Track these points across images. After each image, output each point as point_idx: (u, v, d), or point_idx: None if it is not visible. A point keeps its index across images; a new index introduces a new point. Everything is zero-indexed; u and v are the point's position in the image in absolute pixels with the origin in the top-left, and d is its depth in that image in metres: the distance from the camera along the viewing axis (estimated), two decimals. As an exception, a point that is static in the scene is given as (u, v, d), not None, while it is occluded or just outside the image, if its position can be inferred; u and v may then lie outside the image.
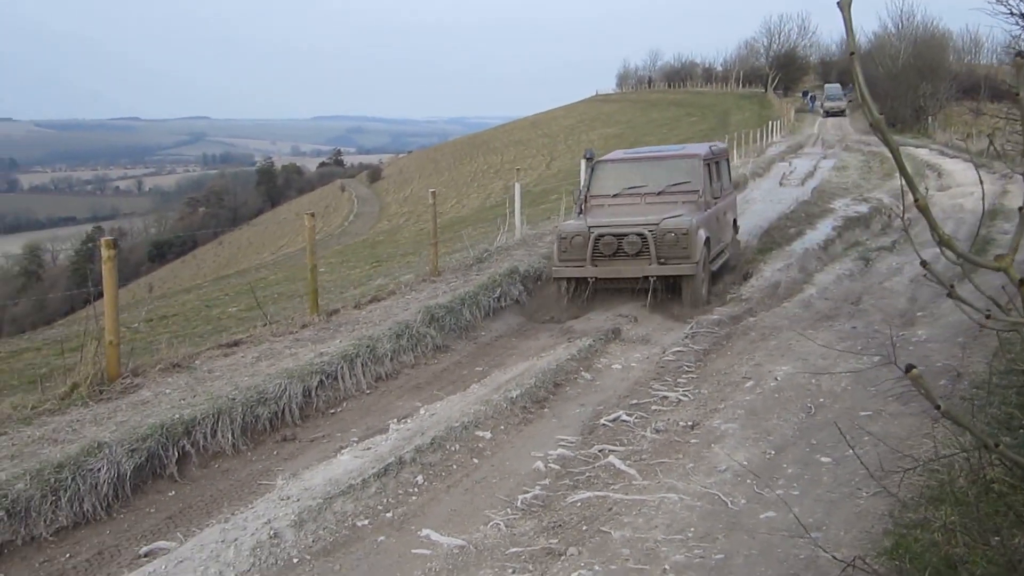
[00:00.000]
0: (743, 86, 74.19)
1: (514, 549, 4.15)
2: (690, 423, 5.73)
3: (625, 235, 9.39)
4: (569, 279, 9.75)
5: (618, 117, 71.13)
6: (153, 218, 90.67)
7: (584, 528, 4.29)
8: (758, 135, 34.27)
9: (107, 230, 75.00)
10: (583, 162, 12.07)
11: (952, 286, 1.60)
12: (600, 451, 5.42)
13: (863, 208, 15.90)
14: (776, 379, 6.34)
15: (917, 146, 34.13)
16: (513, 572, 3.89)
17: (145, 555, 4.44)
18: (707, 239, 9.75)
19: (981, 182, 2.60)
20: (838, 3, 1.34)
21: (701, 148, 11.27)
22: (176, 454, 5.46)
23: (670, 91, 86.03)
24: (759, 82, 70.98)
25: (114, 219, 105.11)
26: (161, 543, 4.54)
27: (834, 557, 3.23)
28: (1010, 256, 1.54)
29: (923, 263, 1.61)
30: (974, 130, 36.44)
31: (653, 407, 6.26)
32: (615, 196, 10.56)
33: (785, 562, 3.77)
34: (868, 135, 43.02)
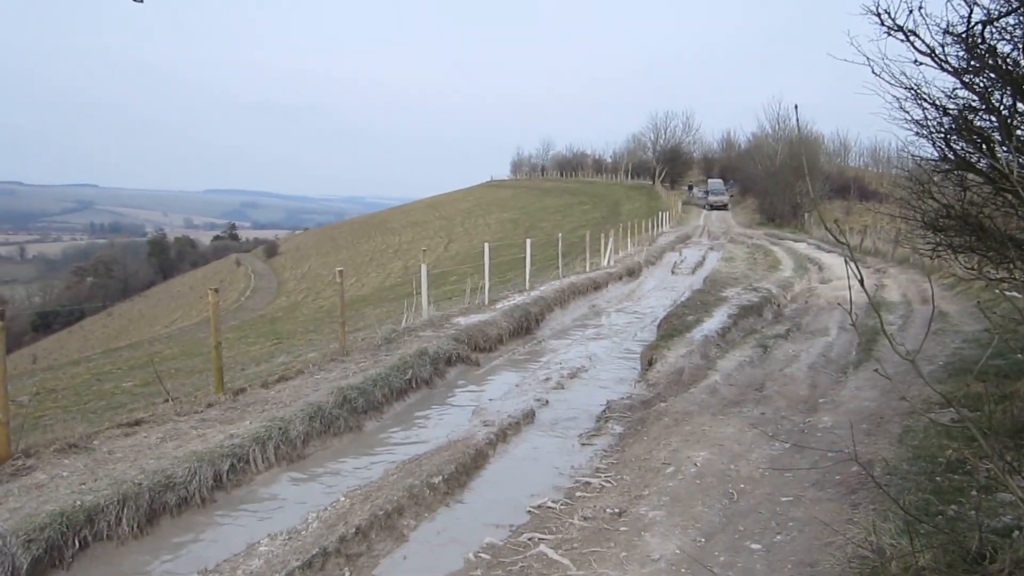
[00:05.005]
0: (631, 177, 77.11)
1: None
2: (616, 510, 5.72)
3: None
4: None
5: (513, 203, 72.46)
6: (38, 286, 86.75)
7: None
8: (649, 224, 35.48)
9: (-12, 297, 70.45)
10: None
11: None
12: (530, 539, 5.33)
13: (754, 297, 16.52)
14: (696, 465, 6.42)
15: (796, 240, 35.97)
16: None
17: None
18: None
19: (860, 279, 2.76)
20: None
21: None
22: (76, 545, 5.06)
23: (562, 180, 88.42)
24: (646, 174, 73.88)
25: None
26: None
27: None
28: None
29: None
30: (846, 226, 38.71)
31: (577, 493, 6.23)
32: None
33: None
34: (750, 228, 45.22)
